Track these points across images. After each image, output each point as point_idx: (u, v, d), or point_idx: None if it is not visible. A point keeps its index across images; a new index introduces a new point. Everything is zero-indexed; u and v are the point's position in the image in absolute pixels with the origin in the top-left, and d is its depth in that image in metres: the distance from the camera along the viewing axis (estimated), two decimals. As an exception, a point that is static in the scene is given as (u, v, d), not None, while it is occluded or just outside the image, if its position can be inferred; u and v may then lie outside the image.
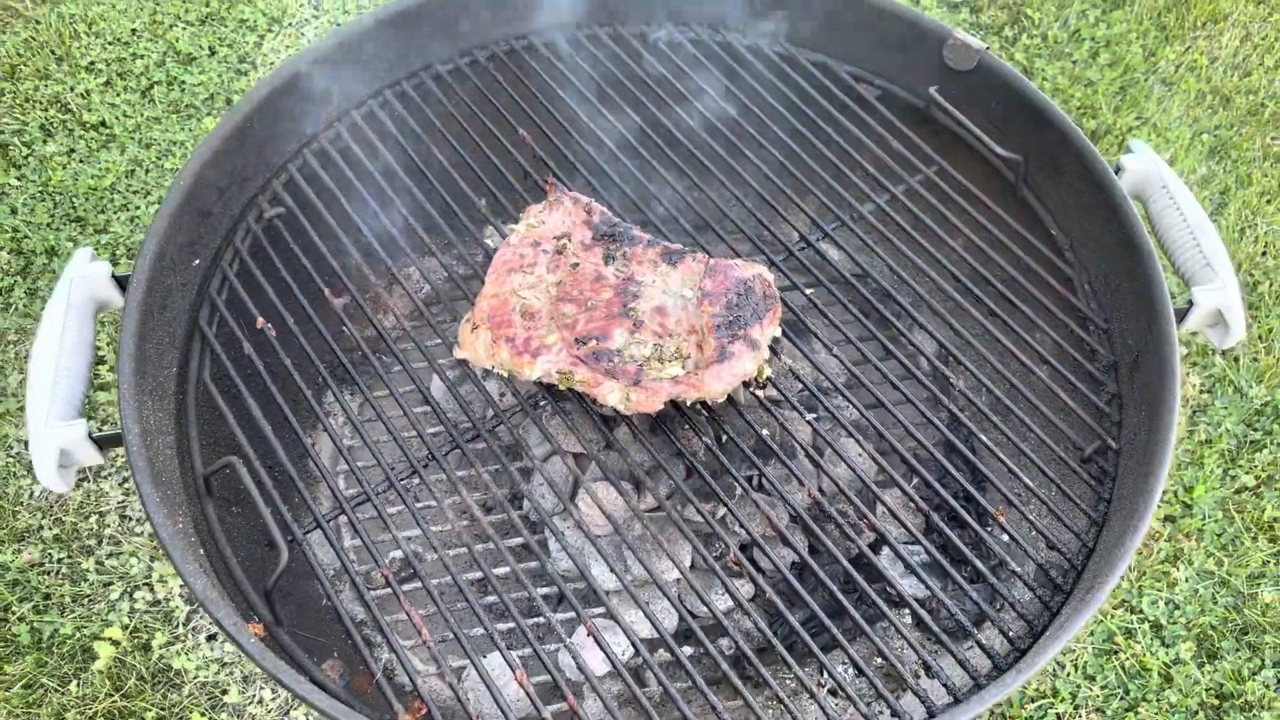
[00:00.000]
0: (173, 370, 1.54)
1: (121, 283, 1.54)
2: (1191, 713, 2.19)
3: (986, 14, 3.45)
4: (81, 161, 2.95)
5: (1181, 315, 1.57)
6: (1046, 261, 1.72)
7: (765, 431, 1.51)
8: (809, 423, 1.52)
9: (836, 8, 1.93)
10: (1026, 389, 1.60)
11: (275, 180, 1.76)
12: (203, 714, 2.14)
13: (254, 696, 2.17)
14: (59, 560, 2.31)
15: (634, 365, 1.46)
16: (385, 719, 1.21)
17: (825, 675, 1.76)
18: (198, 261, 1.63)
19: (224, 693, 2.17)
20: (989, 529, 1.56)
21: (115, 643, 2.20)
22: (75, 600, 2.25)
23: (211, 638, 2.24)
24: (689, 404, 1.51)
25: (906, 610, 1.70)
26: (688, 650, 1.55)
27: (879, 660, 1.77)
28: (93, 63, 3.15)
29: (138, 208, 2.86)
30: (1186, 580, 2.35)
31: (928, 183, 1.82)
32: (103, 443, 1.38)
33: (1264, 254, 2.89)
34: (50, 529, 2.35)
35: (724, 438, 1.60)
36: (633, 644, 1.33)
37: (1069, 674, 2.24)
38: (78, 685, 2.15)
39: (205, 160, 1.63)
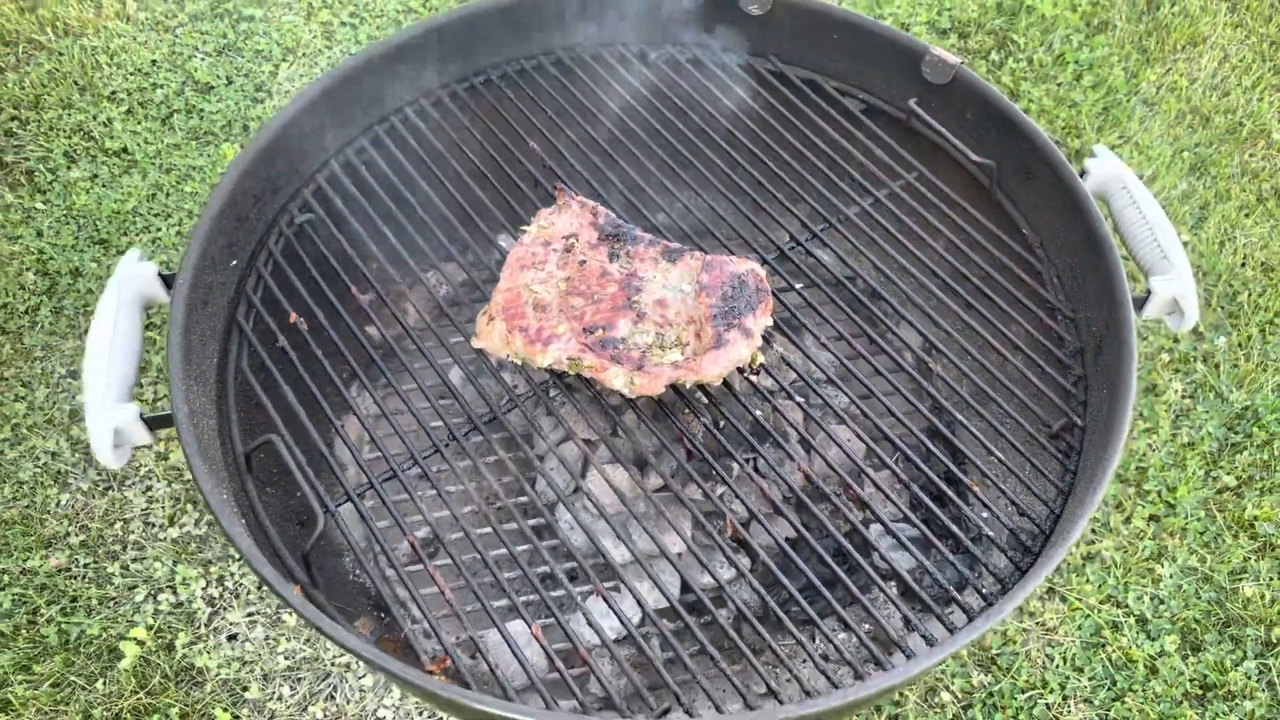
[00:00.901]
0: (214, 360, 1.63)
1: (167, 281, 1.64)
2: (1176, 702, 2.22)
3: (974, 39, 3.49)
4: (104, 186, 3.00)
5: (1140, 304, 1.66)
6: (1019, 258, 1.81)
7: (759, 413, 1.61)
8: (800, 405, 1.62)
9: (824, 29, 2.02)
10: (1002, 375, 1.67)
11: (305, 189, 1.85)
12: (224, 710, 2.17)
13: (273, 693, 2.21)
14: (85, 565, 2.35)
15: (637, 352, 1.56)
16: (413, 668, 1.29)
17: (819, 639, 1.84)
18: (235, 262, 1.72)
19: (245, 689, 2.21)
20: (970, 505, 1.66)
21: (140, 643, 2.24)
22: (101, 603, 2.30)
23: (232, 637, 2.28)
24: (688, 387, 1.60)
25: (893, 581, 1.79)
26: (692, 618, 1.64)
27: (867, 626, 1.85)
28: (114, 92, 3.21)
29: (159, 230, 2.90)
30: (1171, 576, 2.38)
31: (909, 188, 1.90)
32: (152, 423, 1.47)
33: (1243, 265, 2.94)
34: (77, 535, 2.39)
35: (722, 422, 1.69)
36: (641, 607, 1.43)
37: (1058, 666, 2.26)
38: (104, 683, 2.19)
39: (242, 171, 1.72)
